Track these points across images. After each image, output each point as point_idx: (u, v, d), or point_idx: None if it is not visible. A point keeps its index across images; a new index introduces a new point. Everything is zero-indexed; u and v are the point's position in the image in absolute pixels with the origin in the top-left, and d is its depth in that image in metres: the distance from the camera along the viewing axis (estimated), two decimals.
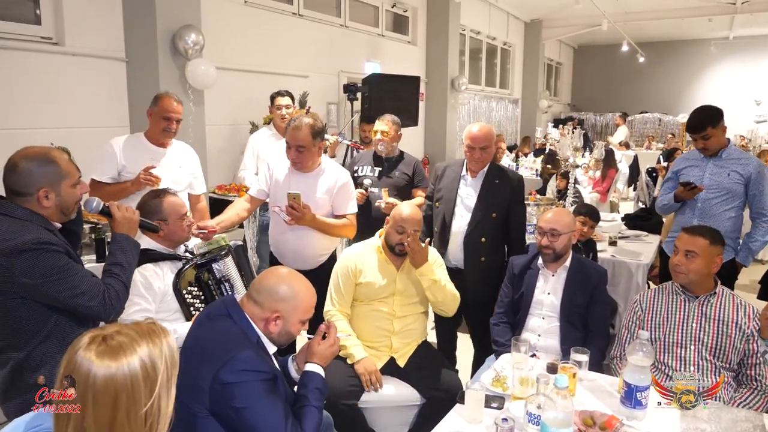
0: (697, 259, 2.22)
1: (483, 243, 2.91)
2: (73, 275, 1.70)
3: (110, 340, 0.99)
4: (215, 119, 4.70)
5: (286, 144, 2.76)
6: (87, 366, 0.96)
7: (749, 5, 9.82)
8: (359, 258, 2.59)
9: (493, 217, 2.92)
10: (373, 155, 3.61)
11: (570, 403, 1.54)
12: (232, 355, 1.50)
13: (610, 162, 7.19)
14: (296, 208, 2.62)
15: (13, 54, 3.50)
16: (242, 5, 5.21)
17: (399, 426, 2.48)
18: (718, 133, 2.98)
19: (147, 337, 1.01)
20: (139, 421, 0.96)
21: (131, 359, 0.97)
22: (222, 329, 1.61)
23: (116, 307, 1.77)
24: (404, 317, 2.57)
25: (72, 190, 1.78)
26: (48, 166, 1.73)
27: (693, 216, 3.06)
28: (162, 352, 1.01)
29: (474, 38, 10.26)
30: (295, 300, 1.67)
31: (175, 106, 2.93)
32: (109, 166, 2.92)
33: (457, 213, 2.98)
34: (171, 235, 2.27)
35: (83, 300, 1.70)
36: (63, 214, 1.80)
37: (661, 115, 14.50)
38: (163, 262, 2.23)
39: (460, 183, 3.00)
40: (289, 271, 1.76)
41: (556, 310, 2.52)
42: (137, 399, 0.96)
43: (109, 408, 0.95)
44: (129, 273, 1.86)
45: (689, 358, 2.24)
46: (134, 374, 0.96)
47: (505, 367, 2.15)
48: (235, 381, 1.48)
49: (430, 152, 8.58)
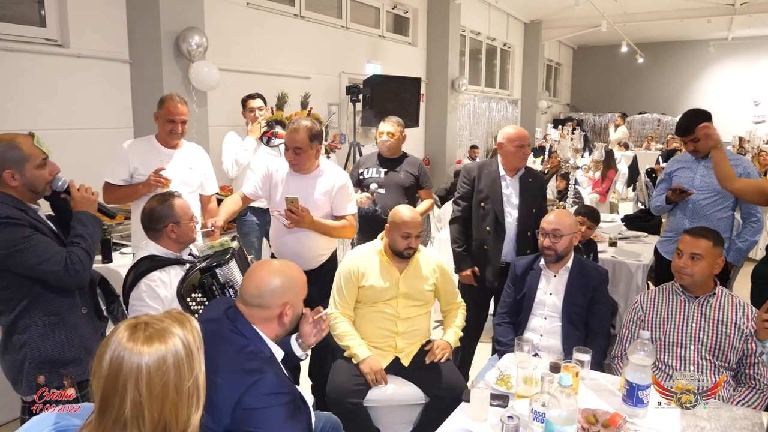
0: (702, 261, 2.24)
1: (529, 237, 3.04)
2: (37, 244, 1.87)
3: (149, 327, 1.10)
4: (218, 121, 4.72)
5: (284, 145, 2.79)
6: (137, 360, 1.06)
7: (748, 6, 9.85)
8: (362, 261, 2.60)
9: (533, 213, 3.10)
10: (378, 156, 3.65)
11: (574, 401, 1.57)
12: (255, 379, 1.50)
13: (609, 163, 7.23)
14: (295, 212, 2.63)
15: (17, 56, 3.53)
16: (245, 7, 5.24)
17: (403, 425, 2.51)
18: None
19: (178, 321, 1.14)
20: (186, 395, 1.10)
21: (175, 340, 1.10)
22: (235, 346, 1.58)
23: (79, 270, 1.92)
24: (408, 319, 2.59)
25: (37, 171, 1.96)
26: (12, 151, 1.92)
27: (684, 217, 3.10)
28: (193, 332, 1.15)
29: (474, 39, 10.29)
30: (296, 284, 1.72)
31: (179, 108, 2.95)
32: (121, 169, 2.94)
33: (507, 211, 3.11)
34: (182, 236, 2.29)
35: (48, 266, 1.87)
36: (33, 193, 1.98)
37: (660, 116, 14.53)
38: (170, 267, 2.23)
39: (501, 183, 3.11)
40: (274, 263, 1.77)
41: (558, 311, 2.55)
42: (183, 375, 1.09)
43: (161, 387, 1.07)
44: (91, 242, 2.01)
45: (689, 357, 2.26)
46: (179, 353, 1.09)
47: (509, 367, 2.18)
48: (258, 407, 1.48)
49: (431, 153, 8.61)
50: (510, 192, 3.12)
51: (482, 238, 3.11)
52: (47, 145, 2.02)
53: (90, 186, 2.13)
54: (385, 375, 2.46)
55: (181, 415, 1.09)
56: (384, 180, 3.58)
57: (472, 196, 3.14)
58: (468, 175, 3.18)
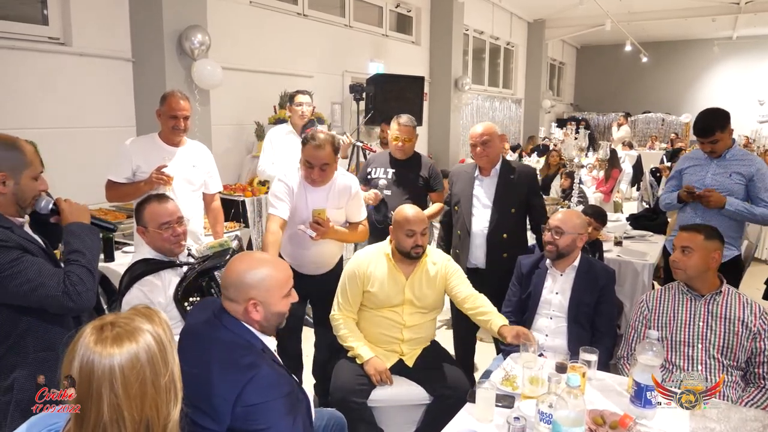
0: (694, 254, 2.24)
1: (505, 239, 2.94)
2: (28, 267, 1.60)
3: (116, 327, 1.07)
4: (221, 119, 4.71)
5: (306, 163, 2.63)
6: (108, 362, 1.02)
7: (753, 5, 9.80)
8: (369, 264, 2.55)
9: (513, 213, 2.95)
10: (389, 157, 3.49)
11: (581, 402, 1.54)
12: (251, 375, 1.48)
13: (614, 162, 7.19)
14: (321, 224, 2.59)
15: (20, 54, 3.52)
16: (248, 6, 5.23)
17: (407, 425, 2.49)
18: (725, 137, 2.98)
19: (146, 317, 1.12)
20: (164, 390, 1.08)
21: (146, 337, 1.08)
22: (225, 343, 1.56)
23: (81, 292, 1.64)
24: (414, 326, 2.55)
25: (32, 183, 1.72)
26: (12, 151, 1.67)
27: (695, 215, 3.07)
28: (162, 325, 1.13)
29: (477, 38, 10.26)
30: (265, 281, 1.60)
31: (181, 104, 2.93)
32: (123, 167, 2.93)
33: (475, 213, 3.01)
34: (151, 242, 2.19)
35: (44, 291, 1.60)
36: (19, 206, 1.72)
37: (664, 115, 14.48)
38: (164, 271, 2.15)
39: (474, 183, 3.04)
40: (250, 256, 1.68)
41: (564, 311, 2.52)
42: (158, 371, 1.07)
43: (138, 386, 1.04)
44: (90, 256, 1.72)
45: (696, 356, 2.24)
46: (152, 349, 1.07)
47: (514, 367, 2.15)
48: (258, 402, 1.47)
49: (434, 152, 8.59)
50: (483, 193, 3.01)
51: (455, 242, 3.09)
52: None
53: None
54: (390, 375, 2.43)
55: (162, 410, 1.07)
56: (392, 182, 3.42)
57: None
58: (450, 179, 3.19)
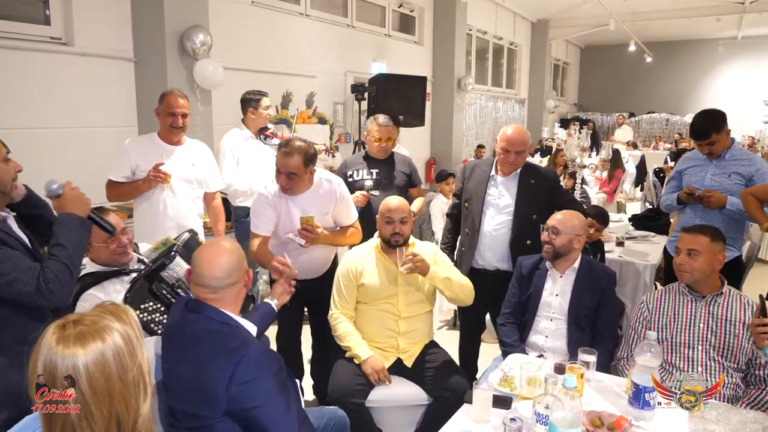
0: (700, 257, 2.22)
1: (529, 246, 2.81)
2: (4, 261, 1.58)
3: (79, 325, 1.07)
4: (223, 119, 4.71)
5: (276, 169, 2.61)
6: (71, 361, 1.03)
7: (758, 4, 9.76)
8: (359, 259, 2.60)
9: (534, 219, 2.82)
10: (366, 157, 3.43)
11: (578, 404, 1.54)
12: (241, 354, 1.50)
13: (617, 162, 7.17)
14: (310, 230, 2.59)
15: (22, 54, 3.53)
16: (250, 5, 5.24)
17: (406, 426, 2.49)
18: (722, 138, 2.97)
19: (113, 315, 1.12)
20: (132, 384, 1.09)
21: (113, 336, 1.08)
22: (211, 334, 1.57)
23: (54, 290, 1.61)
24: (410, 318, 2.57)
25: (3, 165, 1.71)
26: None
27: (695, 216, 3.05)
28: (131, 322, 1.13)
29: (480, 38, 10.24)
30: (241, 261, 1.68)
31: (179, 101, 2.94)
32: (122, 166, 2.94)
33: (487, 214, 2.90)
34: (97, 259, 2.11)
35: (18, 287, 1.58)
36: (2, 194, 1.73)
37: (668, 115, 14.43)
38: (107, 282, 2.07)
39: (489, 183, 2.93)
40: (215, 246, 1.70)
41: (564, 312, 2.51)
42: (125, 366, 1.08)
43: (104, 382, 1.05)
44: (72, 252, 1.69)
45: (697, 358, 2.23)
46: (118, 346, 1.08)
47: (513, 368, 2.14)
48: (249, 379, 1.49)
49: (437, 152, 8.59)
50: (497, 193, 2.92)
51: (462, 239, 3.05)
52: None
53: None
54: (388, 374, 2.44)
55: (131, 404, 1.09)
56: (377, 182, 3.35)
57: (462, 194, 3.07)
58: (462, 173, 3.12)
